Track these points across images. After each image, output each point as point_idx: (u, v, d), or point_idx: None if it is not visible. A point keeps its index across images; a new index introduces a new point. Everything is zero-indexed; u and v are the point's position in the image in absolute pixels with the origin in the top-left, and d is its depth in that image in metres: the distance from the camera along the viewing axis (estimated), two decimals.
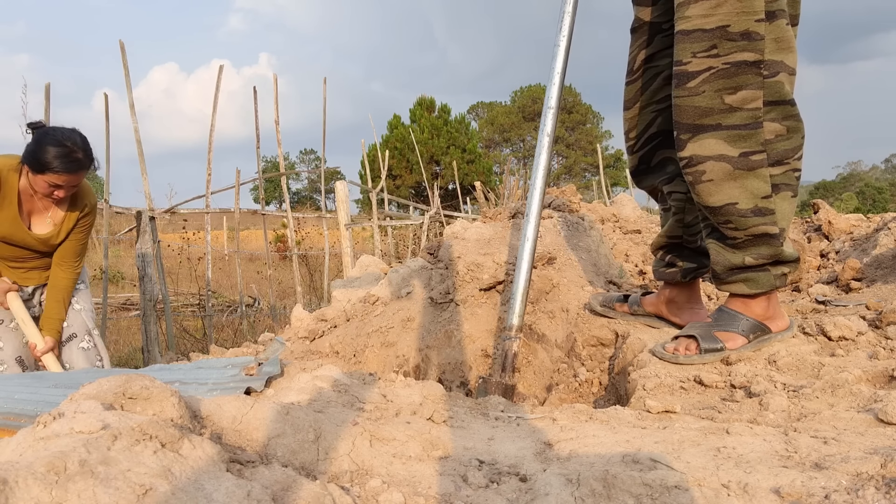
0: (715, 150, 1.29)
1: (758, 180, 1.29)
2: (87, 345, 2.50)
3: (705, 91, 1.27)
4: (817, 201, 3.97)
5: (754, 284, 1.38)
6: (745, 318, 1.40)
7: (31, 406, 1.10)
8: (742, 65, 1.24)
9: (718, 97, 1.26)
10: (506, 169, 17.27)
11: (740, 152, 1.28)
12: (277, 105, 6.19)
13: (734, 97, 1.25)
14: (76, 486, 0.55)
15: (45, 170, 2.15)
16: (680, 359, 1.38)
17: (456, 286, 2.20)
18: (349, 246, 6.18)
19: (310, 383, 1.11)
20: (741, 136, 1.28)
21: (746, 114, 1.27)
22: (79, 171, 2.22)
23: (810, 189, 45.39)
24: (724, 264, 1.40)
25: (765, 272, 1.37)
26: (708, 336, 1.40)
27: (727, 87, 1.25)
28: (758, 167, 1.29)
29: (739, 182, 1.30)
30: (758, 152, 1.28)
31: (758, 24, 1.22)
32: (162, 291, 5.11)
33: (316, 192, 41.67)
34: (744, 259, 1.36)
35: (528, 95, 44.20)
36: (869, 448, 0.79)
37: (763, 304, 1.42)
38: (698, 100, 1.28)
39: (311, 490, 0.66)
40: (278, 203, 42.42)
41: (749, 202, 1.30)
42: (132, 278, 9.07)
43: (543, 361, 1.90)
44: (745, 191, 1.30)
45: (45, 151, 2.14)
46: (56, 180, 2.18)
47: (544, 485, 0.72)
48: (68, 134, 2.21)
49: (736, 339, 1.39)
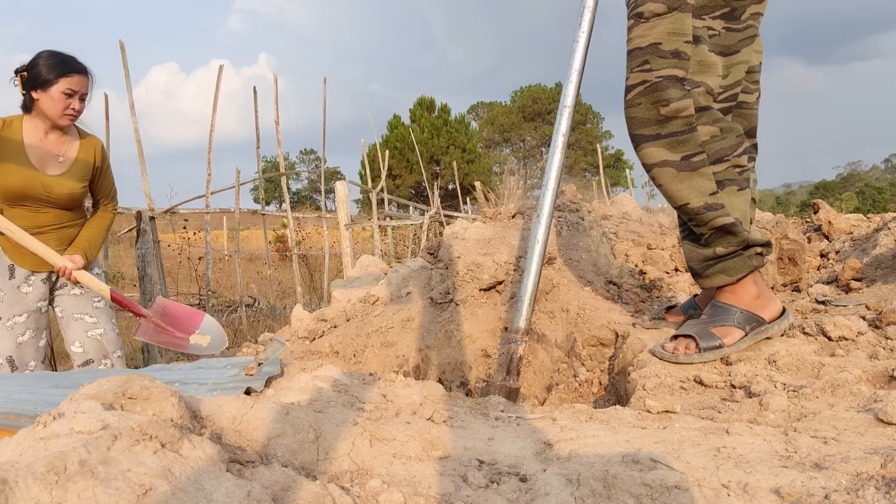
0: (658, 157, 1.40)
1: (702, 179, 1.39)
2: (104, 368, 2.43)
3: (641, 103, 1.39)
4: (817, 201, 3.97)
5: (732, 271, 1.43)
6: (738, 310, 1.43)
7: (31, 406, 1.10)
8: (672, 79, 1.35)
9: (654, 109, 1.37)
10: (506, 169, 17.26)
11: (681, 156, 1.38)
12: (277, 105, 6.19)
13: (668, 108, 1.36)
14: (76, 486, 0.55)
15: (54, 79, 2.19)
16: (680, 358, 1.40)
17: (456, 286, 2.20)
18: (349, 246, 6.18)
19: (310, 383, 1.11)
20: (679, 142, 1.38)
21: (681, 121, 1.37)
22: (83, 71, 2.27)
23: (810, 189, 45.38)
24: (698, 258, 1.48)
25: (739, 257, 1.42)
26: (705, 334, 1.41)
27: (660, 99, 1.36)
28: (700, 167, 1.38)
29: (686, 183, 1.39)
30: (697, 153, 1.38)
31: (686, 45, 1.35)
32: (162, 291, 5.11)
33: (316, 192, 41.66)
34: (715, 250, 1.43)
35: (528, 95, 44.19)
36: (869, 448, 0.79)
37: (751, 289, 1.45)
38: (636, 111, 1.40)
39: (311, 490, 0.66)
40: (278, 203, 42.41)
41: (699, 200, 1.39)
42: (132, 278, 9.07)
43: (543, 361, 1.90)
44: (693, 190, 1.39)
45: (44, 65, 2.19)
46: (70, 84, 2.22)
47: (544, 485, 0.72)
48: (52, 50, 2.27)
49: (733, 332, 1.41)
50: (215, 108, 5.68)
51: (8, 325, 2.36)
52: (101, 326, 2.47)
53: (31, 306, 2.39)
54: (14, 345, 2.37)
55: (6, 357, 2.35)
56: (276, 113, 6.23)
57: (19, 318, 2.37)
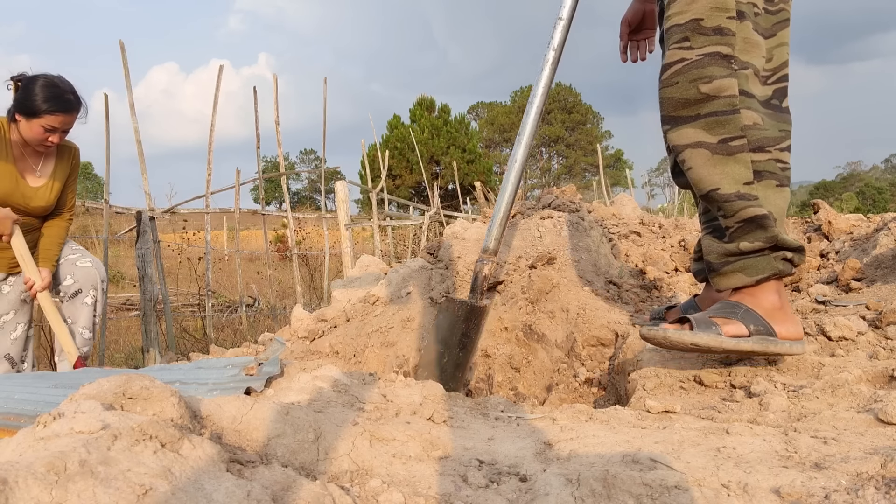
0: (692, 138, 1.29)
1: (738, 165, 1.26)
2: (90, 299, 2.50)
3: (678, 82, 1.27)
4: (817, 201, 3.97)
5: (753, 270, 1.29)
6: (746, 307, 1.28)
7: (31, 406, 1.10)
8: (715, 56, 1.24)
9: (694, 87, 1.26)
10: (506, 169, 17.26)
11: (719, 139, 1.26)
12: (277, 105, 6.19)
13: (709, 86, 1.25)
14: (76, 486, 0.55)
15: (39, 112, 2.18)
16: (670, 335, 1.24)
17: (456, 286, 2.20)
18: (349, 246, 6.18)
19: (310, 383, 1.11)
20: (719, 123, 1.26)
21: (723, 101, 1.25)
22: (71, 110, 2.26)
23: (810, 189, 45.40)
24: (718, 251, 1.33)
25: (764, 256, 1.28)
26: (703, 320, 1.28)
27: (701, 76, 1.25)
28: (737, 152, 1.26)
29: (719, 168, 1.27)
30: (737, 137, 1.26)
31: (730, 21, 1.24)
32: (162, 291, 5.11)
33: (316, 192, 41.67)
34: (738, 245, 1.29)
35: (528, 95, 44.07)
36: (869, 448, 0.79)
37: (772, 296, 1.29)
38: (673, 91, 1.29)
39: (311, 490, 0.66)
40: (278, 203, 42.42)
41: (731, 187, 1.27)
42: (132, 278, 9.07)
43: (543, 361, 1.90)
44: (726, 176, 1.27)
45: (35, 95, 2.18)
46: (51, 122, 2.21)
47: (544, 485, 0.72)
48: (55, 77, 2.26)
49: (735, 324, 1.26)
50: (215, 108, 5.68)
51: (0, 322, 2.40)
52: (88, 256, 2.58)
53: (14, 303, 2.46)
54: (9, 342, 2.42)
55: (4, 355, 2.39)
56: (276, 113, 6.23)
57: (6, 316, 2.42)
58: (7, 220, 2.26)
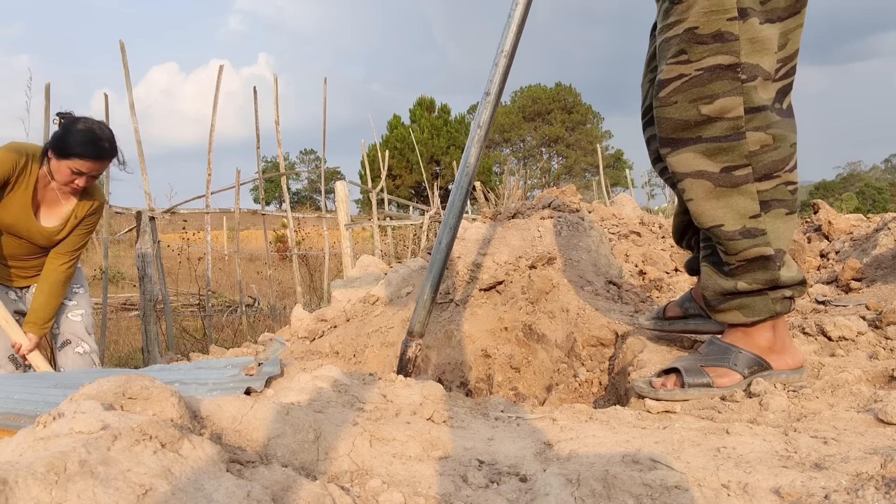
0: (693, 166, 1.18)
1: (743, 198, 1.17)
2: (81, 350, 2.50)
3: (678, 101, 1.16)
4: (817, 201, 3.97)
5: (750, 311, 1.23)
6: (738, 350, 1.24)
7: (31, 406, 1.10)
8: (716, 69, 1.12)
9: (694, 108, 1.14)
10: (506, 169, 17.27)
11: (722, 167, 1.16)
12: (277, 105, 6.19)
13: (711, 107, 1.13)
14: (76, 487, 0.55)
15: (69, 154, 2.17)
16: (660, 394, 1.22)
17: (456, 286, 2.20)
18: (349, 246, 6.18)
19: (310, 383, 1.11)
20: (722, 150, 1.15)
21: (727, 124, 1.14)
22: (102, 158, 2.25)
23: (810, 189, 45.42)
24: (715, 289, 1.27)
25: (762, 297, 1.22)
26: (694, 370, 1.24)
27: (702, 95, 1.13)
28: (742, 183, 1.16)
29: (723, 201, 1.18)
30: (741, 166, 1.15)
31: (730, 24, 1.10)
32: (162, 291, 5.11)
33: (316, 192, 41.68)
34: (736, 284, 1.22)
35: (528, 95, 44.19)
36: (869, 448, 0.79)
37: (766, 334, 1.24)
38: (671, 111, 1.18)
39: (311, 490, 0.66)
40: (278, 203, 42.42)
41: (735, 223, 1.17)
42: (132, 278, 9.07)
43: (543, 361, 1.90)
44: (729, 210, 1.18)
45: (72, 136, 2.17)
46: (79, 166, 2.20)
47: (544, 485, 0.72)
48: (96, 123, 2.25)
49: (728, 375, 1.23)
50: (215, 108, 5.68)
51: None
52: (81, 308, 2.55)
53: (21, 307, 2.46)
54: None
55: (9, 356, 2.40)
56: (276, 113, 6.23)
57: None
58: None
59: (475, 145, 1.39)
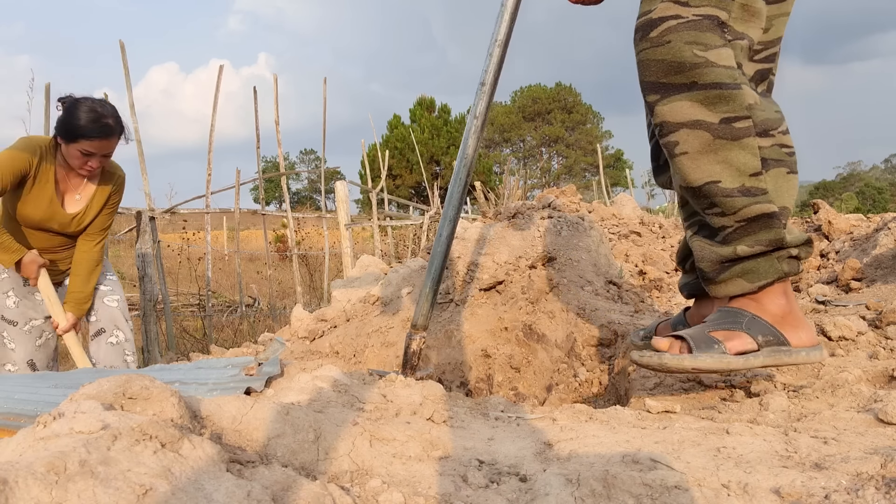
0: (689, 115, 1.07)
1: (744, 152, 1.07)
2: (115, 339, 2.47)
3: (671, 41, 1.06)
4: (817, 201, 3.97)
5: (755, 276, 1.10)
6: (751, 315, 1.10)
7: (31, 406, 1.10)
8: (713, 20, 1.06)
9: (689, 49, 1.05)
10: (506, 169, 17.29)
11: (721, 117, 1.06)
12: (277, 105, 6.19)
13: (707, 53, 1.05)
14: (76, 486, 0.55)
15: (77, 137, 2.17)
16: (666, 361, 1.08)
17: (456, 286, 2.20)
18: (349, 246, 6.18)
19: (310, 383, 1.11)
20: (722, 98, 1.05)
21: (724, 71, 1.05)
22: (110, 136, 2.23)
23: (810, 189, 45.42)
24: (712, 258, 1.14)
25: (766, 258, 1.10)
26: (701, 336, 1.10)
27: (697, 40, 1.05)
28: (744, 136, 1.06)
29: (721, 154, 1.07)
30: (742, 118, 1.06)
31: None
32: (162, 291, 5.11)
33: (316, 192, 41.67)
34: (735, 249, 1.10)
35: (527, 95, 44.20)
36: (869, 448, 0.79)
37: (778, 300, 1.11)
38: (663, 52, 1.07)
39: (311, 490, 0.66)
40: (278, 203, 42.43)
41: (734, 180, 1.07)
42: (132, 278, 9.07)
43: (543, 361, 1.90)
44: (728, 166, 1.07)
45: (75, 118, 2.16)
46: (88, 147, 2.19)
47: (544, 485, 0.72)
48: (98, 101, 2.24)
49: (740, 337, 1.09)
50: (215, 108, 5.68)
51: (25, 329, 2.40)
52: (117, 293, 2.54)
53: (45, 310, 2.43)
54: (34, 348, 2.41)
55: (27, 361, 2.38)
56: (276, 113, 6.23)
57: (36, 321, 2.41)
58: (33, 264, 2.24)
59: (472, 136, 1.37)
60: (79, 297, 2.38)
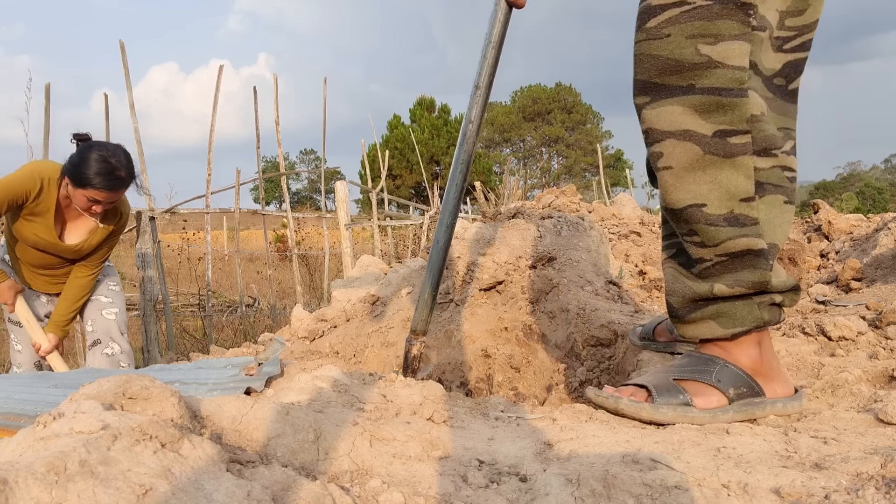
0: (679, 123, 0.92)
1: (737, 173, 0.92)
2: (110, 351, 2.49)
3: (671, 35, 0.90)
4: (817, 201, 3.98)
5: (730, 320, 0.97)
6: (722, 362, 0.99)
7: (31, 406, 1.10)
8: (729, 4, 0.88)
9: (692, 45, 0.89)
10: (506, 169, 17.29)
11: (716, 129, 0.91)
12: (277, 105, 6.19)
13: (714, 48, 0.89)
14: (76, 486, 0.55)
15: (85, 185, 2.13)
16: (622, 405, 0.98)
17: (456, 286, 2.20)
18: (349, 246, 6.18)
19: (310, 383, 1.11)
20: (720, 106, 0.90)
21: (729, 73, 0.89)
22: (119, 188, 2.21)
23: (810, 189, 45.43)
24: (685, 294, 1.01)
25: (745, 302, 0.97)
26: (665, 385, 0.98)
27: (705, 32, 0.89)
28: (739, 154, 0.91)
29: (710, 173, 0.92)
30: (740, 132, 0.91)
31: None
32: (162, 291, 5.11)
33: (316, 192, 41.67)
34: (712, 288, 0.97)
35: (527, 95, 44.22)
36: (869, 448, 0.79)
37: (751, 351, 0.99)
38: (660, 46, 0.92)
39: (311, 490, 0.66)
40: (278, 203, 42.43)
41: (722, 205, 0.93)
42: (132, 278, 9.07)
43: (543, 361, 1.90)
44: (716, 187, 0.92)
45: (87, 166, 2.11)
46: (96, 196, 2.16)
47: (544, 485, 0.72)
48: (113, 150, 2.18)
49: (709, 393, 0.97)
50: (215, 108, 5.68)
51: None
52: (116, 306, 2.55)
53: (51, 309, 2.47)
54: None
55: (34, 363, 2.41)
56: (276, 113, 6.23)
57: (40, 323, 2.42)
58: (10, 290, 2.24)
59: (467, 142, 1.30)
60: (60, 321, 2.38)
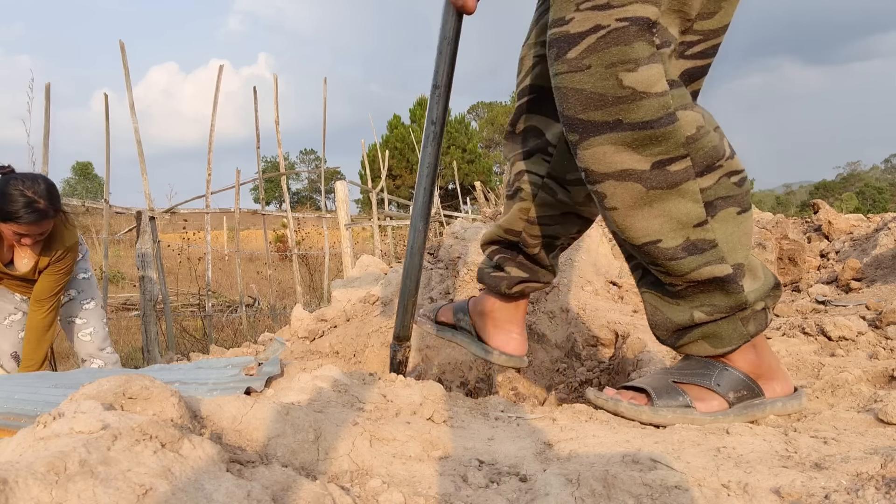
0: (615, 164, 0.87)
1: (684, 200, 0.88)
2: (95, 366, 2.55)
3: (591, 66, 0.84)
4: (817, 201, 3.98)
5: (718, 341, 0.98)
6: (722, 366, 0.99)
7: (31, 406, 1.10)
8: (642, 24, 0.83)
9: (612, 76, 0.84)
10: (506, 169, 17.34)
11: (653, 161, 0.87)
12: (277, 105, 6.19)
13: (634, 76, 0.83)
14: (76, 486, 0.55)
15: (6, 219, 2.09)
16: (622, 408, 0.99)
17: (456, 286, 2.20)
18: (349, 246, 6.18)
19: (310, 383, 1.11)
20: (653, 138, 0.85)
21: (655, 102, 0.84)
22: (41, 221, 2.14)
23: (810, 189, 45.43)
24: (667, 326, 1.00)
25: (729, 321, 0.96)
26: (665, 388, 0.99)
27: (624, 58, 0.83)
28: (681, 181, 0.88)
29: (658, 208, 0.89)
30: (678, 158, 0.87)
31: None
32: (162, 291, 5.11)
33: (316, 192, 41.68)
34: (692, 315, 0.96)
35: None
36: (869, 448, 0.79)
37: (748, 356, 1.00)
38: (583, 80, 0.86)
39: (311, 490, 0.66)
40: (278, 203, 42.44)
41: (676, 236, 0.90)
42: (132, 278, 9.07)
43: (543, 361, 1.90)
44: (668, 219, 0.90)
45: (5, 201, 2.07)
46: (19, 230, 2.11)
47: (544, 485, 0.72)
48: (30, 183, 2.11)
49: (708, 397, 0.98)
50: (215, 108, 5.68)
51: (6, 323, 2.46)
52: (91, 326, 2.59)
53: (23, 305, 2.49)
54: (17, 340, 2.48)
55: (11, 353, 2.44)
56: (276, 113, 6.23)
57: (14, 316, 2.47)
58: None
59: (431, 144, 1.22)
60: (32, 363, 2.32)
